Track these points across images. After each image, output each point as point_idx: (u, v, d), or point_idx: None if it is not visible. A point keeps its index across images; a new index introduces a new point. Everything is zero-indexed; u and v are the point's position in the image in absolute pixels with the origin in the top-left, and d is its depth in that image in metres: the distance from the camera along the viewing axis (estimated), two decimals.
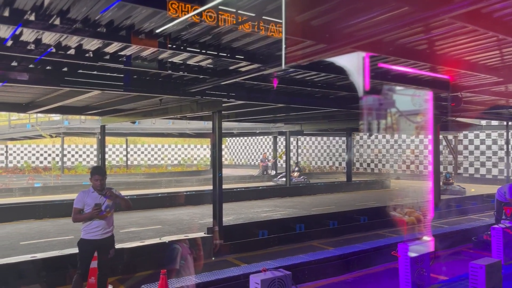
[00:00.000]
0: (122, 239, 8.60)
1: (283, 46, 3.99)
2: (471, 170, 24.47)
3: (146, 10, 4.45)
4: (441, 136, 23.34)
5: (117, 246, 5.70)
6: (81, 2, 4.21)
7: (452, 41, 5.74)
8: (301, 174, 23.51)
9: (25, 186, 19.58)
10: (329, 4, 4.22)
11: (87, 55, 5.97)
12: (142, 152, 37.46)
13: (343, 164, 30.74)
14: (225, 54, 6.03)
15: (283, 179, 21.65)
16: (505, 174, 19.69)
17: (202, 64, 6.97)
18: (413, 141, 27.28)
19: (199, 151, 39.95)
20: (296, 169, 23.86)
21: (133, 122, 14.33)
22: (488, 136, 23.70)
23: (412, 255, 5.38)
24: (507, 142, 19.03)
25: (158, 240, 8.02)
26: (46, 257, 6.60)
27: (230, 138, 40.48)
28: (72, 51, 5.78)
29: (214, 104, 8.96)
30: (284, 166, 21.83)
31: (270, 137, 32.85)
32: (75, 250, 6.53)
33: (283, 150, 30.75)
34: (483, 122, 22.69)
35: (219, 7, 4.52)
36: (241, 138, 40.33)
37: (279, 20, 4.81)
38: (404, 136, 27.58)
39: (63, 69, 6.88)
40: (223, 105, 9.32)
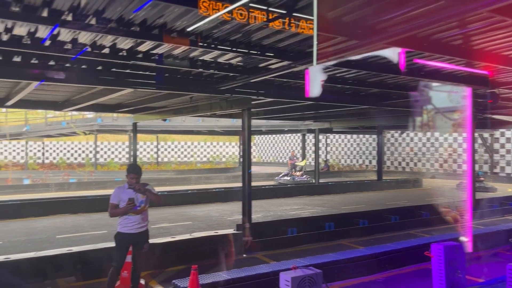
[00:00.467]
0: (154, 235, 8.76)
1: (315, 43, 3.95)
2: (508, 169, 23.60)
3: (179, 9, 4.51)
4: (476, 134, 22.61)
5: (150, 241, 5.81)
6: (116, 2, 4.31)
7: (490, 36, 5.54)
8: (304, 173, 22.69)
9: (61, 182, 20.24)
10: (362, 0, 4.16)
11: (121, 54, 6.10)
12: (172, 149, 38.03)
13: (373, 163, 30.25)
14: (256, 52, 6.03)
15: (286, 178, 21.30)
16: None
17: (232, 62, 7.00)
18: (447, 139, 26.54)
19: (228, 149, 40.20)
20: (298, 168, 23.13)
21: (164, 120, 14.53)
22: None
23: (447, 256, 5.24)
24: None
25: (189, 236, 8.13)
26: (81, 251, 6.81)
27: (259, 136, 40.52)
28: (107, 50, 5.92)
29: (244, 102, 8.99)
30: (313, 164, 21.67)
31: (299, 135, 32.68)
32: (109, 244, 6.73)
33: (306, 159, 30.62)
34: None
35: (250, 5, 4.53)
36: (269, 136, 40.30)
37: (310, 17, 4.78)
38: (438, 134, 26.87)
39: (98, 68, 7.06)
40: (252, 103, 9.34)
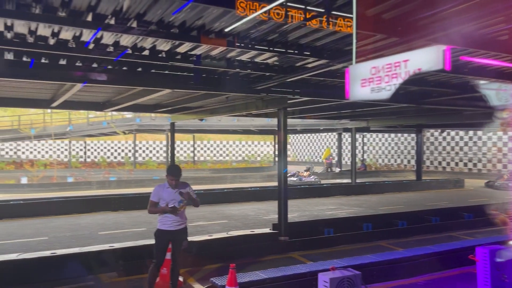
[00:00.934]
0: (191, 233, 8.86)
1: (354, 41, 3.89)
2: None
3: (217, 10, 4.57)
4: None
5: (188, 239, 5.91)
6: (157, 5, 4.42)
7: None
8: (312, 174, 22.08)
9: (102, 180, 20.95)
10: None
11: (160, 56, 6.24)
12: (208, 149, 38.53)
13: (412, 162, 29.47)
14: (292, 51, 6.02)
15: (292, 179, 20.60)
16: None
17: (269, 62, 7.01)
18: (491, 138, 25.48)
19: (263, 148, 40.29)
20: (305, 169, 22.55)
21: (201, 120, 14.74)
22: None
23: (493, 260, 5.04)
24: None
25: (225, 235, 8.22)
26: (123, 247, 7.04)
27: (293, 135, 40.37)
28: (147, 52, 6.07)
29: (279, 101, 8.97)
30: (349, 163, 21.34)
31: (335, 134, 32.31)
32: (148, 241, 6.90)
33: (328, 148, 30.12)
34: None
35: (287, 4, 4.52)
36: (305, 135, 40.07)
37: (348, 15, 4.72)
38: (480, 133, 25.84)
39: (138, 69, 7.24)
40: (288, 102, 9.31)
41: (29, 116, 31.03)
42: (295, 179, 20.84)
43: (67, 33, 5.27)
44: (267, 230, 8.81)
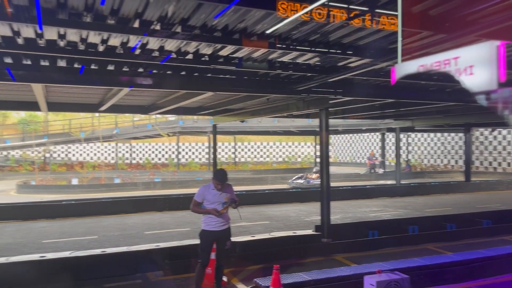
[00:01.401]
0: (234, 233, 8.89)
1: (399, 39, 3.79)
2: None
3: (259, 13, 4.60)
4: None
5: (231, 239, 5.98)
6: (201, 10, 4.50)
7: None
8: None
9: (147, 181, 21.56)
10: None
11: (203, 59, 6.35)
12: (249, 150, 38.77)
13: (460, 163, 28.31)
14: (335, 51, 5.95)
15: (299, 181, 19.61)
16: None
17: (310, 62, 6.97)
18: None
19: (303, 149, 40.04)
20: (314, 170, 20.89)
21: (242, 121, 14.85)
22: None
23: None
24: None
25: (268, 236, 8.24)
26: (169, 247, 7.22)
27: (335, 135, 39.85)
28: (190, 56, 6.20)
29: (321, 102, 8.90)
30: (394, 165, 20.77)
31: (378, 134, 31.60)
32: (193, 241, 7.04)
33: (372, 151, 29.26)
34: None
35: (329, 4, 4.48)
36: (346, 135, 39.46)
37: (392, 12, 4.61)
38: None
39: (181, 73, 7.42)
40: (330, 102, 9.22)
41: (79, 120, 32.54)
42: (302, 182, 19.61)
43: (115, 40, 5.47)
44: (310, 232, 8.75)
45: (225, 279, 6.03)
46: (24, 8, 4.42)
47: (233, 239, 7.46)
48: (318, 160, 10.40)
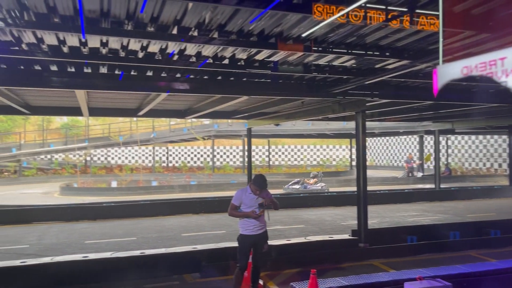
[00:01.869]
0: (269, 236, 8.88)
1: (440, 40, 3.69)
2: None
3: (295, 16, 4.60)
4: None
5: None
6: (238, 15, 4.56)
7: None
8: (319, 182, 19.85)
9: (183, 184, 21.93)
10: None
11: (239, 64, 6.42)
12: (283, 153, 38.69)
13: (504, 166, 27.13)
14: (372, 53, 5.87)
15: (295, 187, 19.17)
16: None
17: (347, 65, 6.90)
18: None
19: (338, 152, 39.54)
20: (312, 175, 20.57)
21: (276, 124, 14.86)
22: None
23: None
24: None
25: (304, 240, 8.20)
26: (206, 249, 7.32)
27: (371, 138, 39.13)
28: (227, 61, 6.28)
29: (357, 104, 8.78)
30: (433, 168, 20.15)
31: (415, 137, 30.78)
32: (229, 244, 7.10)
33: (430, 152, 28.40)
34: None
35: (367, 6, 4.42)
36: (383, 138, 38.66)
37: (432, 12, 4.50)
38: None
39: (218, 78, 7.51)
40: (366, 105, 9.08)
41: (118, 124, 33.55)
42: (299, 187, 19.22)
43: (154, 46, 5.62)
44: (346, 236, 8.64)
45: (261, 282, 6.05)
46: (69, 18, 4.62)
47: (269, 243, 7.45)
48: (354, 163, 10.24)
